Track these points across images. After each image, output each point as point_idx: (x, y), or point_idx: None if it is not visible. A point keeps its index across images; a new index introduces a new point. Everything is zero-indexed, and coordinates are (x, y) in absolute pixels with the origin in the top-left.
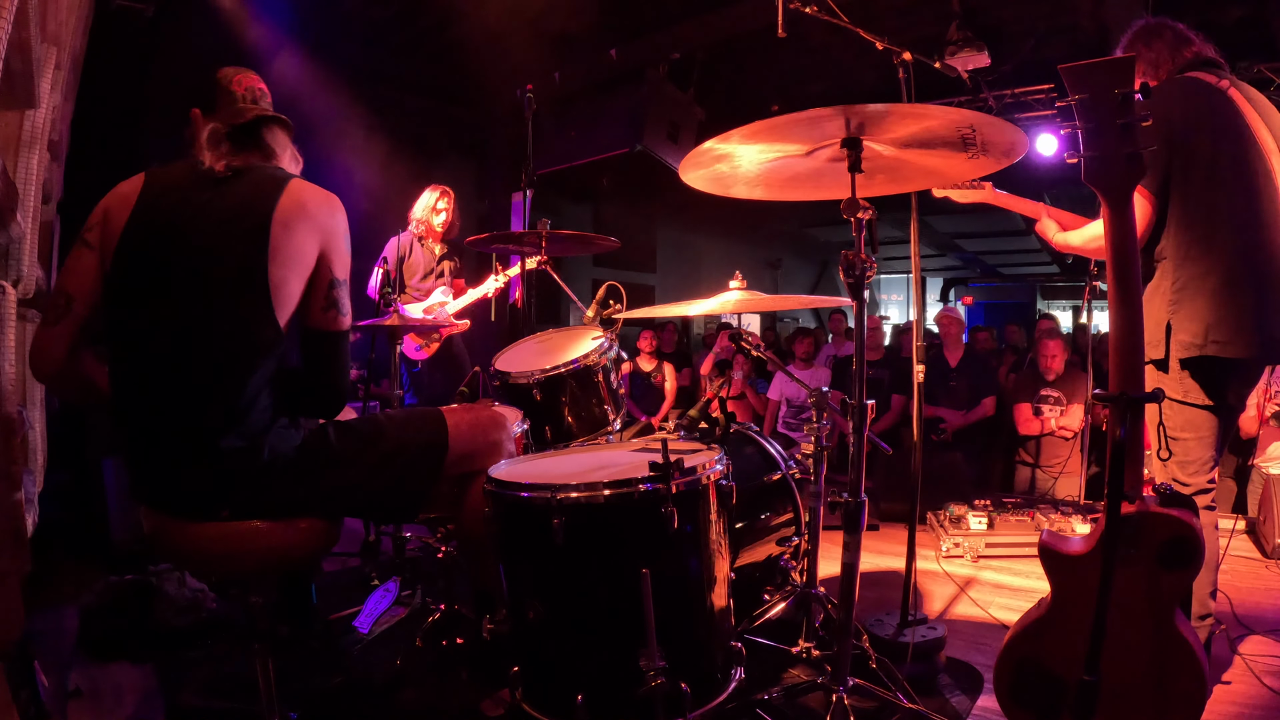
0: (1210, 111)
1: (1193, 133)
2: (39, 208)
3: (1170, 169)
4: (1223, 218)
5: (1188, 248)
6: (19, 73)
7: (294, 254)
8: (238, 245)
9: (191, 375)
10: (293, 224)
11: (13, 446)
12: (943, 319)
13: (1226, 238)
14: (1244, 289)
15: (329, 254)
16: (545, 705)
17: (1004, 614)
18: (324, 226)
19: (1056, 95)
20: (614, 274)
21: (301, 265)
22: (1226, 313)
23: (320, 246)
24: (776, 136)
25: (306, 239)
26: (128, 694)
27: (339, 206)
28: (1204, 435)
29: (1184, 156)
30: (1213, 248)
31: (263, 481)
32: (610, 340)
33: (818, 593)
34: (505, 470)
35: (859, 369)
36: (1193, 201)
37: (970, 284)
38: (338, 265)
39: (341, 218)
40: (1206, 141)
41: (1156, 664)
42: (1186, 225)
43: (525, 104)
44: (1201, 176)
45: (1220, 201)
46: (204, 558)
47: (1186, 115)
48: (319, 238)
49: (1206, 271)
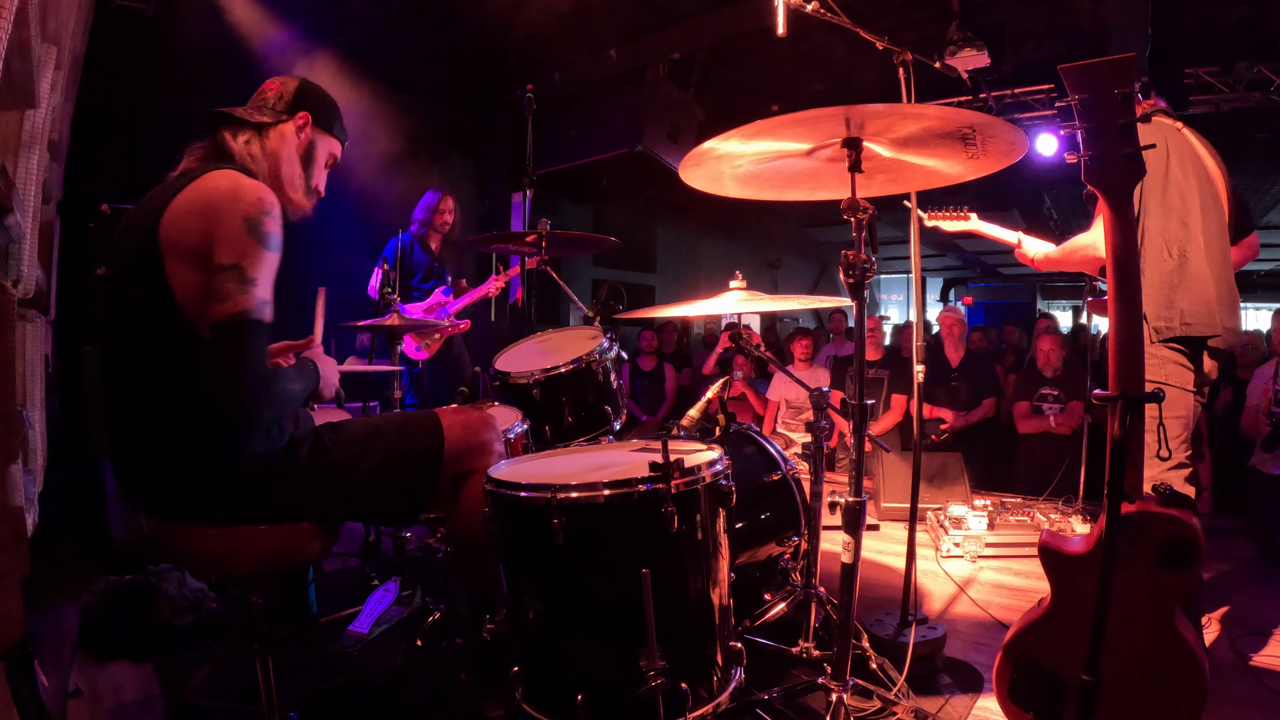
0: (1174, 146)
1: (1161, 161)
2: (39, 208)
3: (1143, 186)
4: (1190, 228)
5: (1161, 251)
6: (19, 73)
7: (184, 246)
8: (141, 246)
9: (146, 382)
10: (181, 217)
11: (13, 446)
12: (944, 319)
13: (1194, 243)
14: (1208, 283)
15: (220, 235)
16: (545, 705)
17: (1004, 614)
18: (215, 209)
19: (1056, 95)
20: (614, 274)
21: (190, 257)
22: (1198, 300)
23: (209, 229)
24: (776, 136)
25: (192, 228)
26: (128, 694)
27: (240, 192)
28: (1178, 415)
29: (1155, 178)
30: (1185, 250)
31: (255, 488)
32: (610, 340)
33: (818, 593)
34: (505, 470)
35: (859, 369)
36: (1164, 213)
37: (970, 284)
38: (221, 250)
39: (238, 202)
40: (1175, 166)
41: (1156, 664)
42: (1160, 233)
43: (525, 104)
44: (1171, 194)
45: (1186, 215)
46: (204, 558)
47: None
48: (210, 221)
49: (1179, 268)
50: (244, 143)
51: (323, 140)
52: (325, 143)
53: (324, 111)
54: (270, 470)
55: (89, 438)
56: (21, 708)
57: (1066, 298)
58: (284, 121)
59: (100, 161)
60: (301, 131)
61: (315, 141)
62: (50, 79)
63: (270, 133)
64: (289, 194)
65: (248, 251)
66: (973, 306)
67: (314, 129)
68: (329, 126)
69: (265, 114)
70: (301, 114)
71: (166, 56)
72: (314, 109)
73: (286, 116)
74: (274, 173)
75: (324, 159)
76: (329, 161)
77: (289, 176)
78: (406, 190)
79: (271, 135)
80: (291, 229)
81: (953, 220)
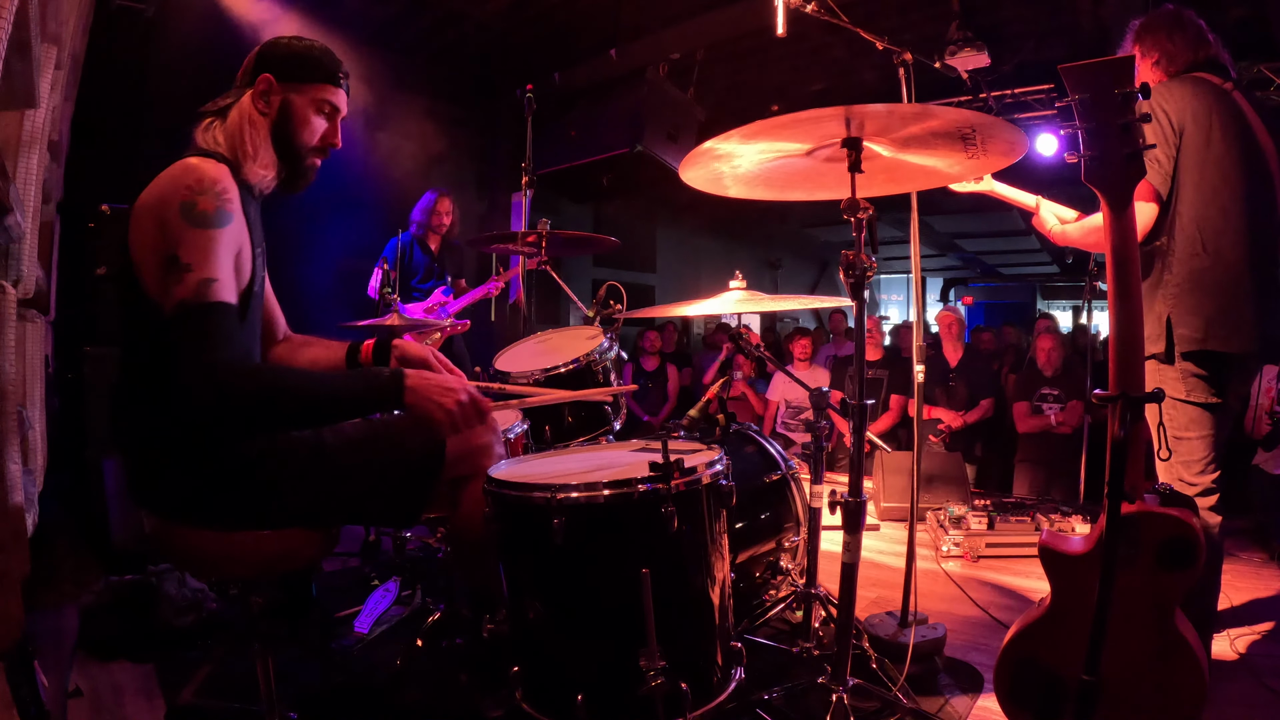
0: (1220, 112)
1: (1203, 131)
2: (39, 208)
3: (1178, 164)
4: (1229, 216)
5: (1193, 243)
6: (19, 73)
7: (143, 243)
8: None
9: (136, 381)
10: (139, 217)
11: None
12: (943, 318)
13: (1233, 236)
14: (1246, 286)
15: (164, 225)
16: (545, 705)
17: (1004, 614)
18: (161, 200)
19: (1056, 95)
20: (614, 274)
21: (151, 254)
22: (1229, 308)
23: (158, 221)
24: (776, 136)
25: (147, 226)
26: (128, 694)
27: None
28: (1206, 434)
29: (1193, 154)
30: (1220, 244)
31: (255, 491)
32: (610, 340)
33: (818, 593)
34: (505, 470)
35: (859, 369)
36: (1201, 198)
37: (970, 284)
38: (165, 240)
39: (175, 187)
40: (1218, 140)
41: (1157, 664)
42: (1192, 221)
43: (525, 104)
44: (1211, 174)
45: (1227, 200)
46: (204, 558)
47: (1198, 113)
48: (158, 213)
49: (1211, 267)
50: (204, 130)
51: (299, 95)
52: (304, 95)
53: (289, 64)
54: (271, 472)
55: (89, 438)
56: (21, 708)
57: (1066, 298)
58: (245, 94)
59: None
60: (266, 97)
61: (290, 100)
62: (50, 79)
63: (232, 111)
64: (252, 168)
65: (182, 238)
66: (973, 306)
67: (283, 87)
68: (302, 77)
69: (231, 95)
70: (262, 78)
71: (166, 56)
72: (276, 67)
73: (248, 87)
74: (235, 151)
75: (310, 111)
76: (325, 110)
77: (250, 151)
78: (407, 190)
79: (232, 113)
80: (292, 228)
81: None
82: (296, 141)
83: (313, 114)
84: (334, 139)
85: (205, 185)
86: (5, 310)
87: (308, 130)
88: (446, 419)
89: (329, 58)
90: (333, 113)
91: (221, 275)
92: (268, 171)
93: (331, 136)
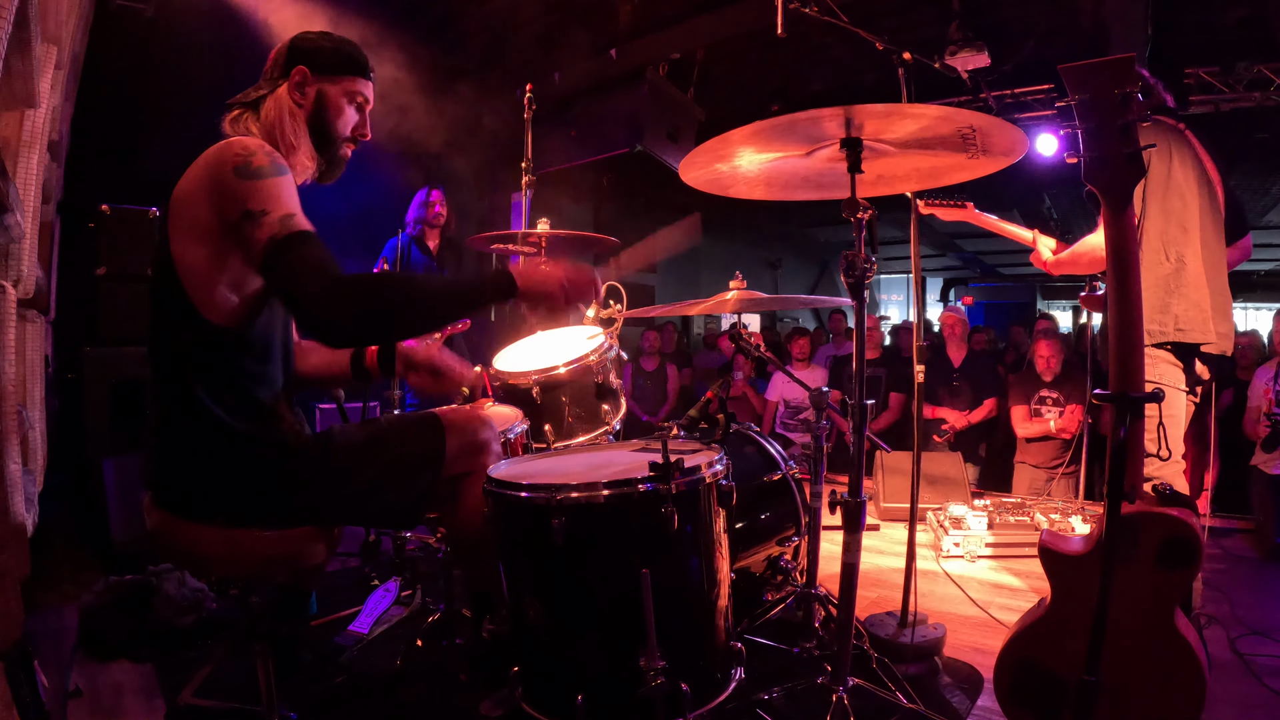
0: (1177, 147)
1: (1164, 164)
2: (39, 208)
3: (1146, 192)
4: (1189, 231)
5: (1157, 253)
6: (19, 73)
7: (188, 222)
8: (157, 244)
9: (155, 374)
10: (182, 197)
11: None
12: (946, 318)
13: (1194, 246)
14: (1202, 290)
15: (221, 195)
16: (545, 705)
17: (1004, 614)
18: (210, 175)
19: (1056, 95)
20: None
21: (199, 232)
22: (1190, 306)
23: (214, 194)
24: (776, 136)
25: (197, 201)
26: (128, 694)
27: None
28: (1173, 414)
29: (1158, 184)
30: (1183, 253)
31: (264, 486)
32: (610, 340)
33: (818, 593)
34: (505, 470)
35: (859, 369)
36: (1165, 217)
37: (970, 284)
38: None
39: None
40: (1177, 170)
41: (1156, 664)
42: (1158, 236)
43: (525, 104)
44: (1173, 199)
45: (1186, 219)
46: (204, 558)
47: (1160, 150)
48: (209, 188)
49: (1174, 272)
50: (234, 121)
51: (333, 86)
52: (338, 86)
53: (321, 56)
54: (281, 468)
55: (89, 438)
56: (21, 708)
57: (1066, 298)
58: (280, 86)
59: (100, 161)
60: (302, 88)
61: (324, 90)
62: (50, 79)
63: (266, 102)
64: (298, 159)
65: (249, 193)
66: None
67: (317, 79)
68: (334, 69)
69: (263, 86)
70: (296, 70)
71: (166, 56)
72: (310, 59)
73: (282, 80)
74: (274, 142)
75: (343, 103)
76: (356, 101)
77: (293, 143)
78: (406, 190)
79: (267, 104)
80: None
81: (950, 209)
82: (333, 131)
83: (346, 104)
84: (364, 130)
85: (253, 148)
86: (5, 310)
87: (342, 120)
88: (560, 291)
89: (359, 52)
90: (363, 104)
91: (298, 211)
92: (311, 163)
93: (362, 128)
